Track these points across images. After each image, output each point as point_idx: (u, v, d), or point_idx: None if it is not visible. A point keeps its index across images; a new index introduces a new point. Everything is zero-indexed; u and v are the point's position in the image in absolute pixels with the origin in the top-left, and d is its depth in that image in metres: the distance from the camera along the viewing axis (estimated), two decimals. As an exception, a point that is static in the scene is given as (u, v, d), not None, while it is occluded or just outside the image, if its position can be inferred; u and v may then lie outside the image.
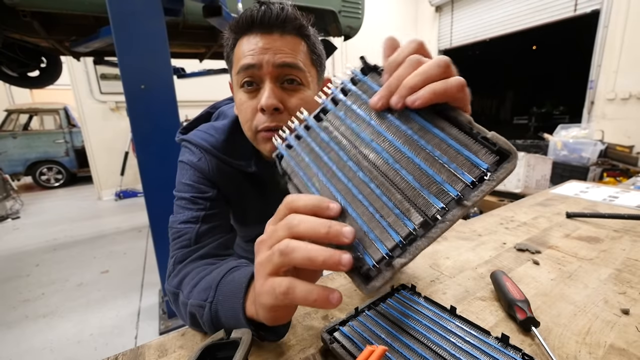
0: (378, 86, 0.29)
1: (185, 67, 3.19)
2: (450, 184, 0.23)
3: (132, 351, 0.40)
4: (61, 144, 5.27)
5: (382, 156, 0.27)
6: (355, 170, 0.27)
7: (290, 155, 0.32)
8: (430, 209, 0.23)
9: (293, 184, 0.31)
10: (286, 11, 0.48)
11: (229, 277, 0.42)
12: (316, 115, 0.33)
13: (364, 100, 0.30)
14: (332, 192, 0.28)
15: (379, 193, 0.26)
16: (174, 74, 1.96)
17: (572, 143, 3.46)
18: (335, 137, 0.30)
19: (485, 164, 0.22)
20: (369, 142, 0.28)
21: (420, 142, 0.25)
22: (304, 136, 0.32)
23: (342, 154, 0.29)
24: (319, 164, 0.30)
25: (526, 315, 0.40)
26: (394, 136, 0.27)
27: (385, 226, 0.24)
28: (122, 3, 1.30)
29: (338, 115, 0.31)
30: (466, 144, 0.24)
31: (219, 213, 0.58)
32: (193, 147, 0.59)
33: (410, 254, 0.23)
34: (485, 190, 0.22)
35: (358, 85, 0.31)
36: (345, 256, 0.23)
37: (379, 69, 0.30)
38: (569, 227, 0.75)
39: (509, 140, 0.23)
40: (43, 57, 2.56)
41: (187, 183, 0.57)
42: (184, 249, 0.53)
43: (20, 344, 1.63)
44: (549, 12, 4.69)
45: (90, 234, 3.19)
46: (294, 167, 0.31)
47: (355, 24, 2.56)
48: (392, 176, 0.26)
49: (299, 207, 0.26)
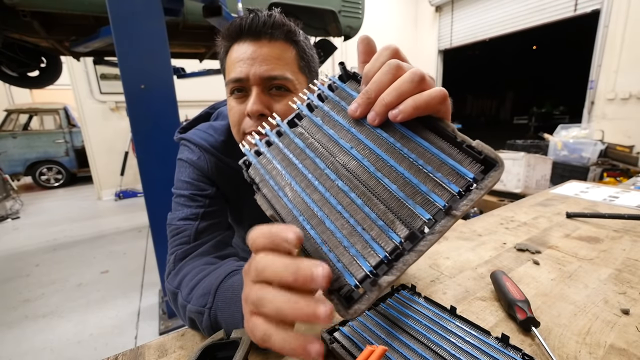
0: (357, 93, 0.27)
1: (185, 67, 3.20)
2: (436, 194, 0.22)
3: (132, 351, 0.40)
4: (61, 144, 5.27)
5: (362, 164, 0.25)
6: (334, 178, 0.25)
7: (260, 163, 0.29)
8: (416, 220, 0.22)
9: (262, 195, 0.28)
10: (274, 18, 0.50)
11: (228, 282, 0.42)
12: (290, 121, 0.31)
13: (342, 107, 0.28)
14: (306, 203, 0.25)
15: (360, 204, 0.23)
16: (174, 74, 1.96)
17: (572, 143, 3.46)
18: (311, 143, 0.28)
19: (472, 173, 0.21)
20: (349, 150, 0.26)
21: (402, 151, 0.24)
22: (275, 142, 0.30)
23: (319, 161, 0.27)
24: (292, 173, 0.27)
25: (526, 315, 0.40)
26: (375, 144, 0.25)
27: (368, 240, 0.22)
28: (122, 3, 1.30)
29: (314, 121, 0.29)
30: (450, 153, 0.23)
31: (218, 210, 0.58)
32: (192, 145, 0.59)
33: (398, 270, 0.21)
34: (474, 199, 0.21)
35: (336, 92, 0.30)
36: (322, 309, 0.19)
37: (359, 77, 0.29)
38: (569, 227, 0.75)
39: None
40: (43, 57, 2.57)
41: (186, 180, 0.58)
42: (183, 246, 0.53)
43: (20, 344, 1.63)
44: (549, 12, 4.69)
45: (90, 234, 3.19)
46: (263, 176, 0.29)
47: (355, 24, 2.56)
48: (373, 186, 0.24)
49: (257, 246, 0.22)
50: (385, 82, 0.25)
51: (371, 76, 0.26)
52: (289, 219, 0.26)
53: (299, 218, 0.25)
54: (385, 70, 0.25)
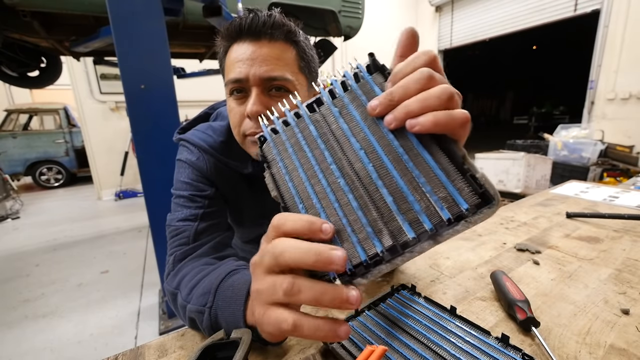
0: (380, 90, 0.27)
1: (185, 67, 3.20)
2: (427, 216, 0.22)
3: (132, 351, 0.40)
4: (61, 144, 5.27)
5: (367, 168, 0.25)
6: (337, 176, 0.26)
7: (274, 141, 0.30)
8: (402, 235, 0.23)
9: (270, 173, 0.29)
10: (274, 18, 0.49)
11: (228, 281, 0.41)
12: (309, 105, 0.31)
13: (362, 101, 0.27)
14: (308, 193, 0.27)
15: (355, 206, 0.24)
16: (174, 74, 1.96)
17: (572, 143, 3.46)
18: (324, 134, 0.28)
19: (466, 204, 0.21)
20: (358, 150, 0.26)
21: (408, 164, 0.24)
22: (292, 124, 0.30)
23: (328, 154, 0.27)
24: (301, 159, 0.28)
25: (526, 315, 0.40)
26: (384, 150, 0.25)
27: (354, 242, 0.24)
28: (122, 3, 1.30)
29: (332, 111, 0.29)
30: (453, 179, 0.22)
31: (217, 211, 0.58)
32: (191, 146, 0.59)
33: (372, 276, 0.23)
34: (459, 231, 0.21)
35: (360, 84, 0.29)
36: (353, 294, 0.22)
37: (387, 71, 0.28)
38: (569, 227, 0.75)
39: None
40: (43, 57, 2.57)
41: (186, 181, 0.57)
42: (183, 247, 0.53)
43: (20, 344, 1.63)
44: (548, 12, 4.69)
45: (90, 234, 3.19)
46: (275, 155, 0.30)
47: (355, 24, 2.56)
48: (372, 191, 0.24)
49: (287, 231, 0.24)
50: (413, 90, 0.24)
51: (400, 77, 0.25)
52: (290, 203, 0.28)
53: (299, 205, 0.27)
54: (416, 77, 0.24)
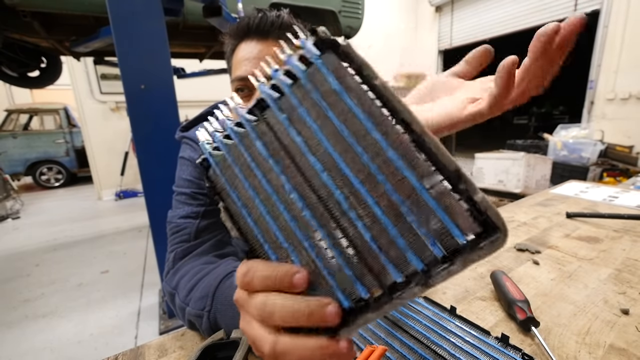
0: (335, 79, 0.19)
1: (185, 67, 3.20)
2: (413, 253, 0.17)
3: (132, 351, 0.40)
4: (61, 144, 5.27)
5: (335, 196, 0.19)
6: (301, 207, 0.20)
7: (219, 164, 0.24)
8: (387, 277, 0.18)
9: (224, 208, 0.24)
10: (282, 18, 0.50)
11: (226, 283, 0.41)
12: (250, 111, 0.23)
13: (315, 100, 0.20)
14: (271, 230, 0.22)
15: (329, 244, 0.20)
16: (174, 74, 1.96)
17: (572, 143, 3.46)
18: (275, 150, 0.21)
19: (463, 236, 0.16)
20: (320, 172, 0.20)
21: (386, 186, 0.18)
22: (235, 141, 0.23)
23: (284, 179, 0.21)
24: (255, 187, 0.22)
25: (526, 315, 0.40)
26: (352, 169, 0.19)
27: (334, 287, 0.19)
28: (122, 3, 1.30)
29: (279, 118, 0.21)
30: (446, 204, 0.16)
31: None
32: (194, 144, 0.59)
33: (357, 326, 0.19)
34: (454, 272, 0.16)
35: (309, 73, 0.20)
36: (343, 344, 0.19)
37: (342, 49, 0.19)
38: (569, 227, 0.75)
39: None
40: (43, 57, 2.57)
41: (188, 179, 0.58)
42: (184, 244, 0.53)
43: (20, 344, 1.63)
44: (549, 12, 4.70)
45: (90, 234, 3.19)
46: (224, 184, 0.24)
47: (355, 24, 2.56)
48: (345, 225, 0.19)
49: (256, 286, 0.21)
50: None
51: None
52: (255, 245, 0.23)
53: (264, 246, 0.22)
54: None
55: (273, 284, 0.21)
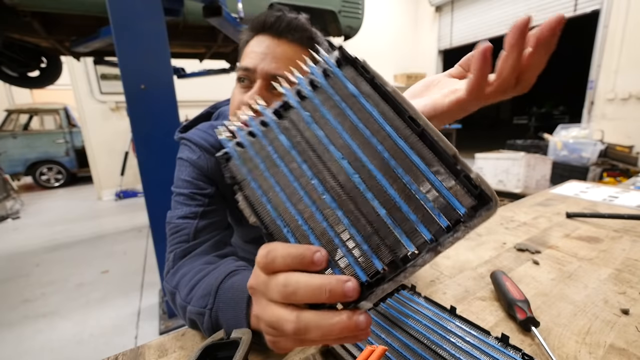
0: (354, 86, 0.24)
1: (185, 67, 3.20)
2: (424, 226, 0.20)
3: (132, 351, 0.40)
4: (61, 144, 5.27)
5: (353, 180, 0.22)
6: (321, 191, 0.23)
7: (242, 158, 0.26)
8: (401, 249, 0.21)
9: (243, 196, 0.26)
10: (298, 21, 0.51)
11: (228, 283, 0.41)
12: (275, 111, 0.26)
13: (336, 101, 0.24)
14: (291, 213, 0.24)
15: (347, 223, 0.22)
16: (174, 74, 1.96)
17: (572, 143, 3.46)
18: (298, 143, 0.25)
19: (463, 207, 0.20)
20: (339, 160, 0.23)
21: (397, 170, 0.21)
22: (259, 135, 0.26)
23: (306, 167, 0.24)
24: (276, 176, 0.25)
25: (526, 315, 0.40)
26: (368, 157, 0.22)
27: (351, 262, 0.21)
28: (122, 3, 1.30)
29: (303, 115, 0.25)
30: (447, 181, 0.20)
31: (217, 210, 0.58)
32: (193, 145, 0.60)
33: (376, 297, 0.21)
34: (459, 237, 0.20)
35: (330, 80, 0.25)
36: (361, 318, 0.20)
37: (359, 64, 0.24)
38: (569, 227, 0.75)
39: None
40: (43, 57, 2.57)
41: (186, 179, 0.58)
42: (183, 244, 0.53)
43: (20, 344, 1.63)
44: (548, 12, 4.70)
45: (90, 234, 3.19)
46: (245, 174, 0.26)
47: (355, 24, 2.56)
48: (362, 205, 0.22)
49: (278, 269, 0.22)
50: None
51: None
52: (273, 228, 0.24)
53: (283, 230, 0.24)
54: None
55: (294, 262, 0.22)
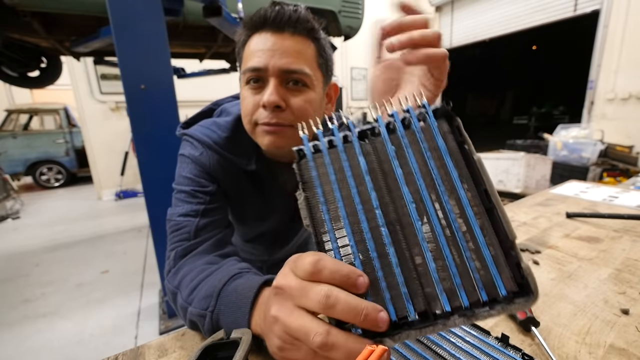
0: (443, 141, 0.24)
1: (185, 67, 3.19)
2: (464, 291, 0.21)
3: (132, 351, 0.40)
4: (61, 144, 5.27)
5: (415, 226, 0.23)
6: (381, 223, 0.23)
7: (315, 162, 0.26)
8: (436, 304, 0.22)
9: (305, 198, 0.26)
10: (299, 12, 0.50)
11: (231, 286, 0.41)
12: (362, 132, 0.27)
13: (423, 148, 0.25)
14: (345, 232, 0.24)
15: (395, 262, 0.22)
16: (174, 74, 1.96)
17: (572, 143, 3.46)
18: (374, 170, 0.25)
19: (505, 290, 0.21)
20: (408, 203, 0.23)
21: (458, 234, 0.22)
22: (339, 149, 0.26)
23: (374, 196, 0.24)
24: (343, 191, 0.25)
25: (526, 315, 0.40)
26: (437, 210, 0.23)
27: (386, 299, 0.22)
28: (122, 3, 1.30)
29: (388, 148, 0.25)
30: (498, 262, 0.21)
31: (218, 208, 0.58)
32: (195, 141, 0.59)
33: (399, 339, 0.22)
34: (493, 315, 0.21)
35: (423, 127, 0.26)
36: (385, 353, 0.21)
37: (455, 123, 0.25)
38: (569, 227, 0.75)
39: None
40: (43, 57, 2.57)
41: (188, 176, 0.57)
42: (184, 242, 0.53)
43: (20, 344, 1.63)
44: (549, 12, 4.70)
45: (90, 234, 3.19)
46: (313, 178, 0.26)
47: (355, 24, 2.56)
48: (414, 250, 0.23)
49: (323, 280, 0.23)
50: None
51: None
52: (323, 239, 0.25)
53: (332, 244, 0.24)
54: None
55: (339, 279, 0.22)
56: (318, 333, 0.22)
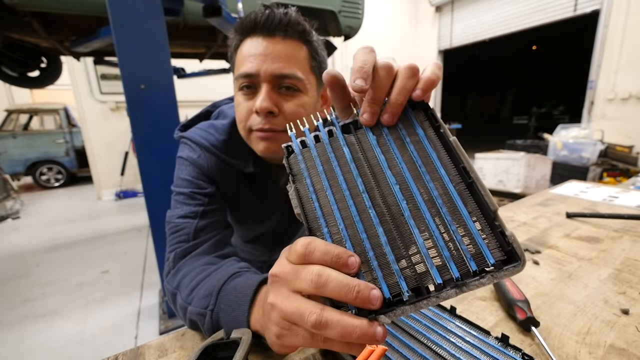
0: (421, 128, 0.27)
1: (185, 67, 3.19)
2: (455, 264, 0.22)
3: (132, 351, 0.40)
4: (61, 144, 5.27)
5: (400, 205, 0.24)
6: (368, 206, 0.25)
7: (303, 156, 0.28)
8: (429, 279, 0.22)
9: (295, 189, 0.27)
10: (289, 16, 0.50)
11: (230, 284, 0.41)
12: (345, 125, 0.29)
13: (401, 135, 0.27)
14: (335, 217, 0.25)
15: (384, 241, 0.24)
16: (174, 74, 1.96)
17: (572, 143, 3.46)
18: (359, 159, 0.27)
19: (493, 259, 0.22)
20: (392, 185, 0.25)
21: (442, 209, 0.23)
22: (324, 142, 0.28)
23: (360, 181, 0.26)
24: (330, 180, 0.27)
25: (526, 315, 0.40)
26: (419, 190, 0.24)
27: (379, 277, 0.23)
28: (122, 3, 1.30)
29: (369, 138, 0.27)
30: (484, 232, 0.23)
31: (217, 209, 0.58)
32: (193, 144, 0.59)
33: (395, 316, 0.22)
34: (484, 284, 0.21)
35: (401, 118, 0.28)
36: (379, 329, 0.21)
37: (429, 110, 0.27)
38: (569, 227, 0.75)
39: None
40: (43, 57, 2.56)
41: (186, 179, 0.58)
42: (183, 244, 0.53)
43: (20, 344, 1.63)
44: (549, 12, 4.70)
45: (90, 234, 3.19)
46: (302, 170, 0.28)
47: (355, 24, 2.55)
48: (402, 229, 0.24)
49: (314, 261, 0.24)
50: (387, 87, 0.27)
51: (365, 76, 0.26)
52: (314, 225, 0.26)
53: (323, 229, 0.25)
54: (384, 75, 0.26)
55: (330, 260, 0.23)
56: (312, 312, 0.22)
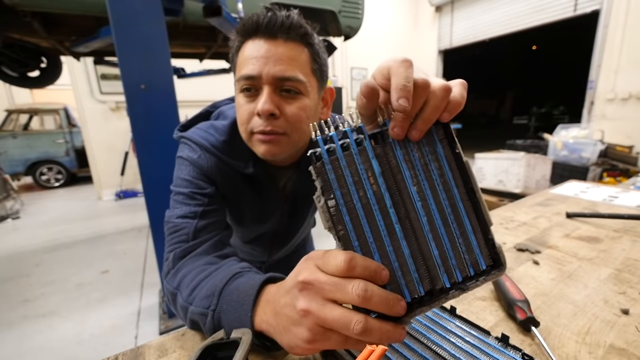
0: (441, 147, 0.28)
1: (185, 67, 3.19)
2: (459, 270, 0.27)
3: (132, 351, 0.40)
4: (61, 144, 5.27)
5: (421, 220, 0.27)
6: (394, 221, 0.27)
7: (332, 165, 0.27)
8: (438, 282, 0.27)
9: (325, 202, 0.26)
10: (291, 18, 0.49)
11: (232, 285, 0.41)
12: (373, 135, 0.28)
13: (424, 152, 0.28)
14: (364, 231, 0.26)
15: (407, 253, 0.27)
16: (174, 74, 1.96)
17: (572, 143, 3.46)
18: (385, 172, 0.27)
19: (485, 265, 0.27)
20: (415, 201, 0.27)
21: (452, 224, 0.27)
22: (354, 152, 0.27)
23: (387, 196, 0.27)
24: (359, 192, 0.27)
25: (526, 315, 0.40)
26: (435, 206, 0.27)
27: (402, 285, 0.26)
28: (122, 3, 1.30)
29: (396, 152, 0.27)
30: (480, 244, 0.27)
31: (217, 210, 0.58)
32: (193, 144, 0.59)
33: (414, 316, 0.27)
34: (478, 285, 0.27)
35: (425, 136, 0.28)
36: (403, 332, 0.26)
37: (450, 130, 0.28)
38: (569, 227, 0.75)
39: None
40: (43, 57, 2.56)
41: (186, 178, 0.57)
42: (182, 244, 0.53)
43: (20, 344, 1.63)
44: (548, 12, 4.70)
45: (90, 234, 3.19)
46: (330, 182, 0.27)
47: (355, 24, 2.55)
48: (421, 241, 0.27)
49: (356, 273, 0.25)
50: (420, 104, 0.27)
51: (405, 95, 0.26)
52: (344, 238, 0.27)
53: (354, 243, 0.26)
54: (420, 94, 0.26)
55: (368, 275, 0.25)
56: (358, 321, 0.25)
